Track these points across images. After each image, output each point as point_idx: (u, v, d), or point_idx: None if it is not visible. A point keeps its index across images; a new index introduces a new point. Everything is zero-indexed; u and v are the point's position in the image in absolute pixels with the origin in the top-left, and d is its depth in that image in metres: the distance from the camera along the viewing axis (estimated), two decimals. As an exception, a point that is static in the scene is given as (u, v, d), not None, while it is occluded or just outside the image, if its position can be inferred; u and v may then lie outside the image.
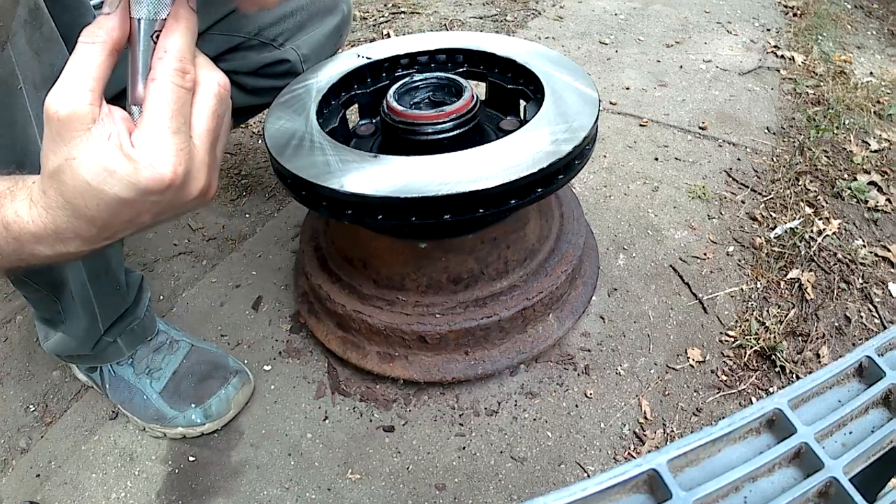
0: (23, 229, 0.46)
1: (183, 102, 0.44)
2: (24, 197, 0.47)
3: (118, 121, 0.43)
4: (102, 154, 0.42)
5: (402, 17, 2.15)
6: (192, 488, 0.90)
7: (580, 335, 1.06)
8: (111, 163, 0.42)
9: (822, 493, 0.30)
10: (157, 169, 0.43)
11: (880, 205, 1.31)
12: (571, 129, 0.80)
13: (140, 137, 0.43)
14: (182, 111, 0.44)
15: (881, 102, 1.65)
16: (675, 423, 0.95)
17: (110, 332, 0.90)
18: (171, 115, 0.43)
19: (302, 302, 1.07)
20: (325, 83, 0.95)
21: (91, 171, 0.42)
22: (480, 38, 1.05)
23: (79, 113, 0.42)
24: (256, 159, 1.50)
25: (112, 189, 0.43)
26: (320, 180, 0.75)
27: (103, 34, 0.43)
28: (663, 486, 0.29)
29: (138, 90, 0.46)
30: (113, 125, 0.43)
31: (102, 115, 0.43)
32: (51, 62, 0.65)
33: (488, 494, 0.88)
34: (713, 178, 1.39)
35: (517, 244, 0.94)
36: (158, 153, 0.43)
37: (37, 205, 0.46)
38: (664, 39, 1.97)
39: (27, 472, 0.93)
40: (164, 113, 0.43)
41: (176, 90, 0.44)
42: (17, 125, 0.63)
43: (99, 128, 0.43)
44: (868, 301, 1.12)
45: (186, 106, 0.45)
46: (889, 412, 0.34)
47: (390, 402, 0.99)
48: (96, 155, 0.42)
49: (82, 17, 0.74)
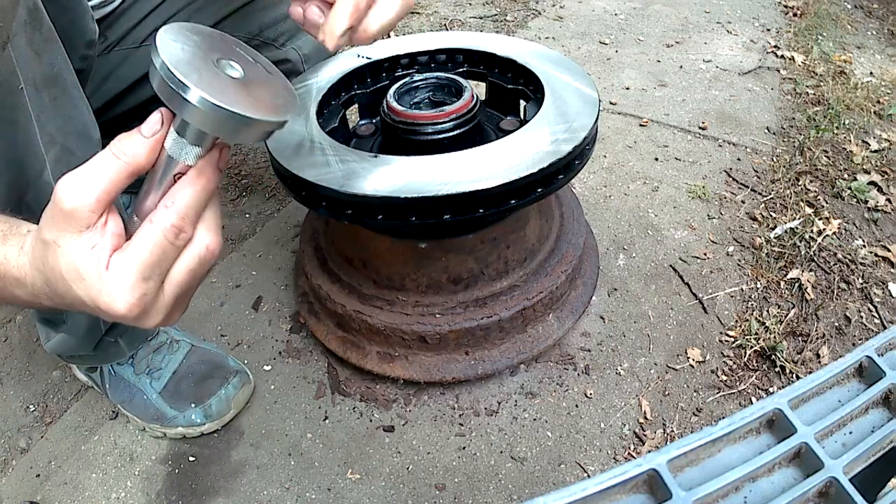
0: (7, 272, 0.50)
1: (165, 257, 0.46)
2: (16, 244, 0.50)
3: (108, 235, 0.46)
4: (81, 259, 0.45)
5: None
6: (192, 488, 0.90)
7: (580, 335, 1.06)
8: (84, 271, 0.45)
9: (822, 493, 0.30)
10: (114, 302, 0.45)
11: (880, 205, 1.31)
12: (571, 129, 0.80)
13: (115, 265, 0.45)
14: (161, 263, 0.46)
15: (881, 102, 1.65)
16: (675, 423, 0.95)
17: (111, 332, 0.90)
18: (148, 263, 0.45)
19: (302, 302, 1.07)
20: (325, 83, 0.95)
21: (66, 267, 0.45)
22: (480, 38, 1.05)
23: (79, 213, 0.44)
24: (256, 159, 1.50)
25: (77, 290, 0.46)
26: (320, 180, 0.75)
27: (131, 157, 0.45)
28: (663, 486, 0.29)
29: (145, 206, 0.47)
30: (101, 238, 0.45)
31: (98, 225, 0.45)
32: (51, 62, 0.65)
33: (488, 494, 0.88)
34: (713, 178, 1.39)
35: (517, 244, 0.94)
36: (121, 290, 0.45)
37: (25, 255, 0.49)
38: (664, 39, 1.97)
39: (27, 472, 0.93)
40: (143, 259, 0.45)
41: (163, 244, 0.45)
42: (19, 125, 0.63)
43: (89, 234, 0.45)
44: (868, 301, 1.12)
45: (168, 260, 0.47)
46: (889, 412, 0.34)
47: (390, 402, 0.99)
48: (76, 257, 0.45)
49: (80, 18, 0.74)
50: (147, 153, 0.45)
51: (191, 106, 0.41)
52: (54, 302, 0.50)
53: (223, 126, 0.42)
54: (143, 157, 0.45)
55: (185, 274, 0.48)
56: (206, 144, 0.46)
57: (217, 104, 0.41)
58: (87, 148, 0.69)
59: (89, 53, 0.78)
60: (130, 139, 0.45)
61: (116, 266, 0.45)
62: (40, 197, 0.68)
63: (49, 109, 0.65)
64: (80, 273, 0.45)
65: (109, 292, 0.45)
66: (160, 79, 0.41)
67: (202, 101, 0.41)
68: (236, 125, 0.42)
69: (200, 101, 0.41)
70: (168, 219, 0.45)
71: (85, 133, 0.72)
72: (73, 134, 0.70)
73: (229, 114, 0.41)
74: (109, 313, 0.46)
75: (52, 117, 0.66)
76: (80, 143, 0.70)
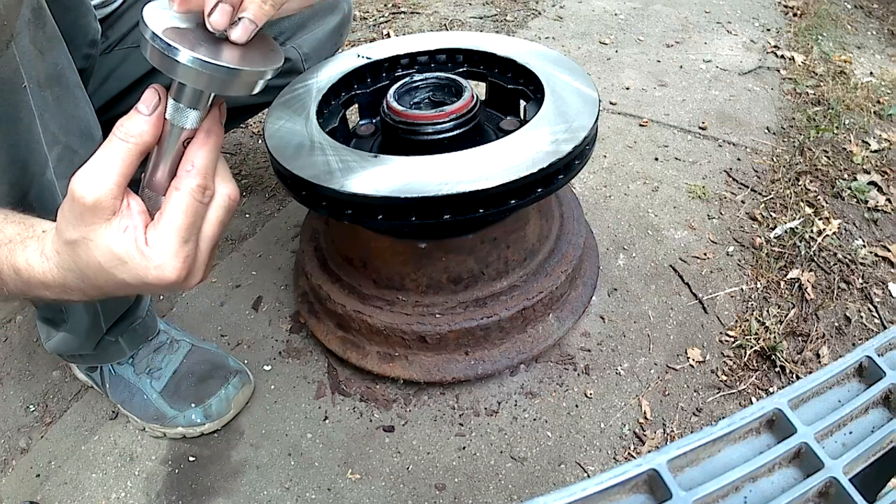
0: (32, 276, 0.51)
1: (198, 216, 0.48)
2: (36, 248, 0.51)
3: (135, 215, 0.47)
4: (118, 245, 0.46)
5: (402, 17, 2.15)
6: (192, 488, 0.90)
7: (580, 335, 1.06)
8: (125, 254, 0.46)
9: (822, 493, 0.30)
10: (164, 271, 0.47)
11: (880, 205, 1.31)
12: (571, 129, 0.80)
13: (154, 238, 0.47)
14: (195, 223, 0.48)
15: (881, 102, 1.65)
16: (675, 423, 0.95)
17: (112, 332, 0.90)
18: (185, 226, 0.47)
19: (302, 302, 1.07)
20: (325, 83, 0.95)
21: (105, 256, 0.47)
22: (480, 38, 1.05)
23: (103, 203, 0.45)
24: (256, 159, 1.50)
25: (121, 275, 0.47)
26: (320, 180, 0.75)
27: (137, 136, 0.46)
28: (663, 486, 0.29)
29: (157, 178, 0.49)
30: (131, 219, 0.47)
31: (123, 210, 0.47)
32: (54, 61, 0.65)
33: (488, 494, 0.88)
34: (713, 178, 1.39)
35: (517, 244, 0.94)
36: (167, 258, 0.47)
37: (49, 260, 0.50)
38: (664, 39, 1.97)
39: (27, 472, 0.93)
40: (180, 223, 0.47)
41: (195, 205, 0.47)
42: (22, 123, 0.63)
43: (118, 220, 0.47)
44: (868, 301, 1.12)
45: (200, 218, 0.49)
46: (889, 412, 0.34)
47: (390, 402, 0.99)
48: (113, 244, 0.46)
49: (83, 18, 0.74)
50: (151, 129, 0.47)
51: (182, 66, 0.44)
52: (89, 295, 0.52)
53: (214, 81, 0.45)
54: (149, 134, 0.47)
55: (215, 226, 0.50)
56: (203, 105, 0.48)
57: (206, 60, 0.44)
58: (90, 147, 0.69)
59: (92, 53, 0.78)
60: (132, 120, 0.46)
61: (156, 239, 0.47)
62: (43, 195, 0.68)
63: (52, 108, 0.66)
64: (121, 258, 0.47)
65: (157, 264, 0.47)
66: (151, 48, 0.45)
67: (193, 60, 0.44)
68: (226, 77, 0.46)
69: (191, 60, 0.44)
70: (193, 180, 0.47)
71: (87, 132, 0.72)
72: (75, 133, 0.70)
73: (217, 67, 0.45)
74: (160, 284, 0.48)
75: (55, 116, 0.67)
76: (82, 141, 0.71)
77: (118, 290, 0.50)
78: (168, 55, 0.44)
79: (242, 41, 0.47)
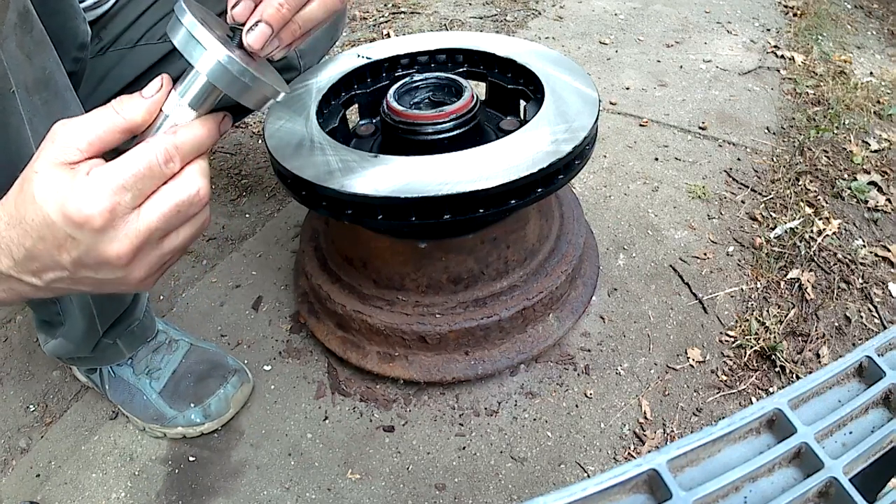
0: None
1: (150, 174, 0.46)
2: None
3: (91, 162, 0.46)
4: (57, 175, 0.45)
5: (402, 17, 2.15)
6: (192, 488, 0.90)
7: (580, 335, 1.06)
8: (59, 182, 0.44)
9: (822, 493, 0.30)
10: (85, 204, 0.44)
11: (880, 205, 1.31)
12: (571, 129, 0.80)
13: (97, 171, 0.45)
14: (143, 180, 0.46)
15: (881, 102, 1.65)
16: (675, 423, 0.95)
17: (109, 334, 0.90)
18: (132, 173, 0.45)
19: (302, 302, 1.07)
20: (325, 83, 0.95)
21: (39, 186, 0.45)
22: (480, 38, 1.05)
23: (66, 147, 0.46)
24: (256, 159, 1.50)
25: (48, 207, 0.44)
26: (320, 180, 0.75)
27: (128, 113, 0.46)
28: (663, 486, 0.29)
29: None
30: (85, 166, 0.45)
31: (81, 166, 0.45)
32: (42, 65, 0.64)
33: (488, 494, 0.88)
34: (713, 178, 1.39)
35: (517, 244, 0.94)
36: (96, 191, 0.44)
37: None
38: (664, 39, 1.97)
39: (27, 472, 0.93)
40: (128, 167, 0.45)
41: (152, 162, 0.46)
42: (11, 128, 0.63)
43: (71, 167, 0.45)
44: (868, 301, 1.12)
45: (151, 179, 0.46)
46: (889, 412, 0.34)
47: (390, 402, 0.99)
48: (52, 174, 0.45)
49: (71, 21, 0.73)
50: (144, 113, 0.46)
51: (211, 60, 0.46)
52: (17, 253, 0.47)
53: (236, 83, 0.47)
54: (140, 117, 0.46)
55: (168, 205, 0.47)
56: (204, 108, 0.49)
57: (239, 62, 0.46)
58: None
59: (81, 56, 0.77)
60: (131, 99, 0.47)
61: (98, 172, 0.45)
62: None
63: (41, 112, 0.65)
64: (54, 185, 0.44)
65: (81, 194, 0.44)
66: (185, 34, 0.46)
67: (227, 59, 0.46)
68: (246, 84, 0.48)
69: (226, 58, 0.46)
70: (165, 142, 0.46)
71: None
72: None
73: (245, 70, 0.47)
74: (75, 218, 0.44)
75: (45, 120, 0.66)
76: None
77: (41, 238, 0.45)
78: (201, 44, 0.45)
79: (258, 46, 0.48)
